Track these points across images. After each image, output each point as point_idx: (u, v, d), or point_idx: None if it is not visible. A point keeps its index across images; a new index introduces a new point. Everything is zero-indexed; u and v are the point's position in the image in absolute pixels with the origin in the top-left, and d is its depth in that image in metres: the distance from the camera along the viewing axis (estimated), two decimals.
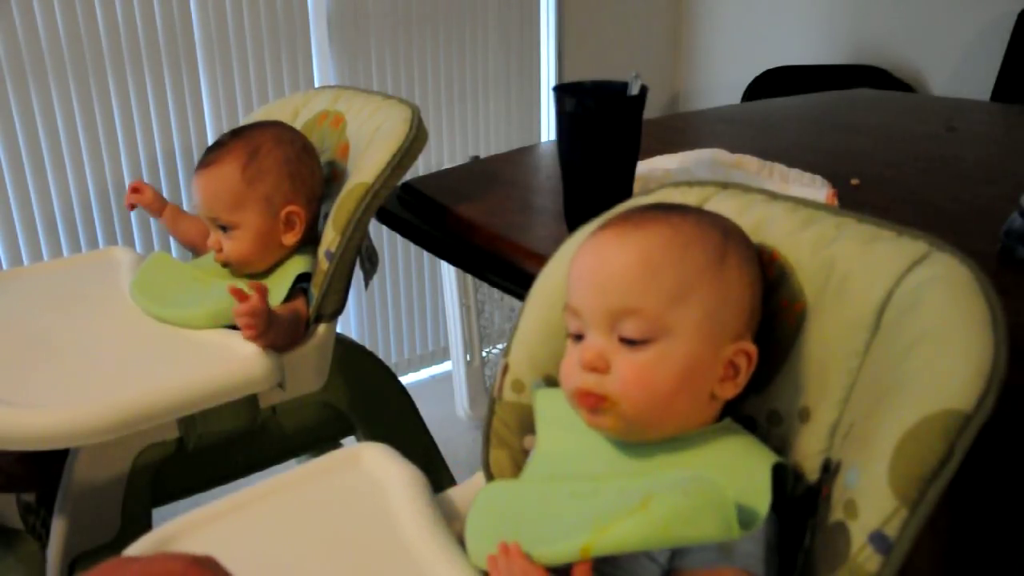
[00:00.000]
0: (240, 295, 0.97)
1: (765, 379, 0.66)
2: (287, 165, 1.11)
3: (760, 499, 0.57)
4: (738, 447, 0.62)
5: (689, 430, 0.63)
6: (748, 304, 0.64)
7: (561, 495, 0.62)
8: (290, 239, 1.12)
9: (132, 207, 1.30)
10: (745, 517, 0.55)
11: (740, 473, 0.59)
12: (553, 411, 0.71)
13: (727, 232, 0.66)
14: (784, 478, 0.60)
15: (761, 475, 0.58)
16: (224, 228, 1.10)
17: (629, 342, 0.61)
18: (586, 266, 0.65)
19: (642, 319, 0.61)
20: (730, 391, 0.63)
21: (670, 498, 0.54)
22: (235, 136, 1.13)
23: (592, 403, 0.62)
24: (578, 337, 0.65)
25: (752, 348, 0.63)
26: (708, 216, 0.68)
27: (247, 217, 1.09)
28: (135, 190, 1.29)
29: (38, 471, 1.12)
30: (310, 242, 1.14)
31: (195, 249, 1.28)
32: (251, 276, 1.13)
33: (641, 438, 0.63)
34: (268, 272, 1.14)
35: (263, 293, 1.00)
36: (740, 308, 0.63)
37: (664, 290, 0.61)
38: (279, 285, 1.10)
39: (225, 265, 1.12)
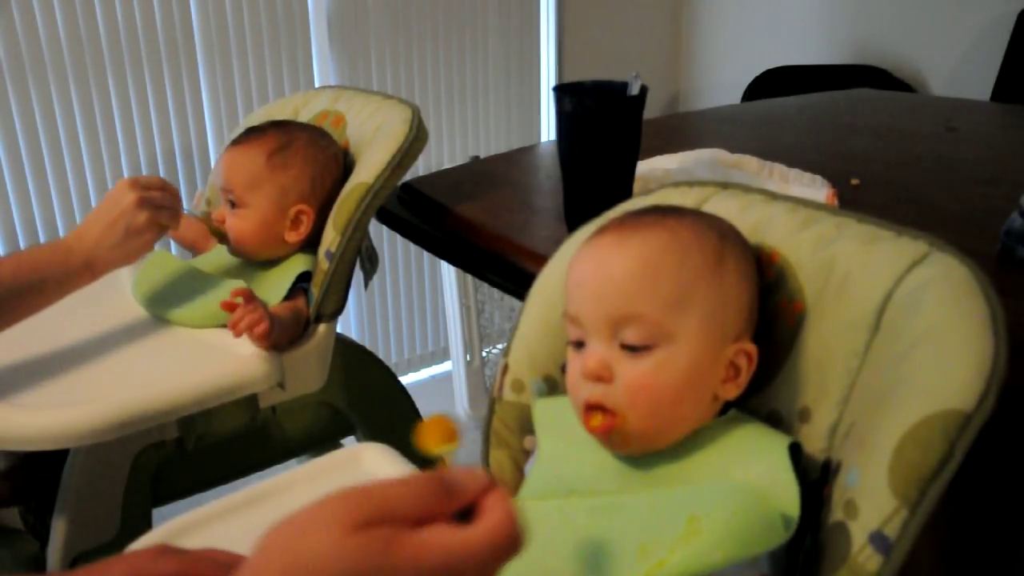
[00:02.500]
0: (231, 307, 0.98)
1: (765, 379, 0.66)
2: (312, 166, 1.12)
3: (786, 488, 0.56)
4: (748, 436, 0.62)
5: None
6: (747, 304, 0.64)
7: (585, 512, 0.61)
8: (292, 237, 1.12)
9: None
10: (782, 515, 0.55)
11: (757, 464, 0.59)
12: (554, 420, 0.71)
13: (724, 234, 0.66)
14: (800, 457, 0.60)
15: (780, 462, 0.58)
16: (233, 204, 1.11)
17: (631, 349, 0.61)
18: (585, 273, 0.65)
19: (643, 325, 0.61)
20: (732, 392, 0.63)
21: (718, 518, 0.53)
22: (275, 125, 1.16)
23: (603, 432, 0.61)
24: (579, 344, 0.64)
25: (752, 348, 0.63)
26: (705, 218, 0.68)
27: (258, 200, 1.10)
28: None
29: (35, 477, 1.12)
30: (314, 243, 1.14)
31: (194, 250, 1.28)
32: (254, 267, 1.14)
33: (652, 449, 0.63)
34: (270, 267, 1.14)
35: (249, 295, 1.00)
36: (739, 308, 0.63)
37: (664, 296, 0.61)
38: (280, 283, 1.10)
39: (223, 240, 1.13)
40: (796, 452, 0.59)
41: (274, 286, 1.10)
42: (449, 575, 0.39)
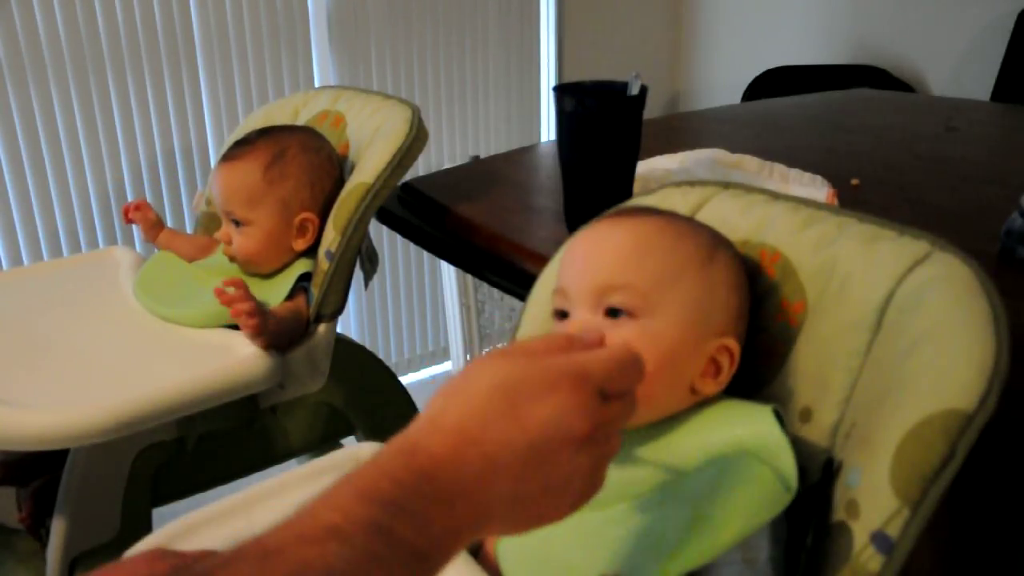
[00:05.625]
0: (224, 296, 0.97)
1: (766, 379, 0.66)
2: (309, 172, 1.11)
3: (779, 449, 0.56)
4: (730, 407, 0.62)
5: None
6: (734, 306, 0.64)
7: (599, 525, 0.59)
8: (300, 245, 1.12)
9: (130, 221, 1.26)
10: (780, 478, 0.55)
11: (743, 427, 0.59)
12: None
13: (717, 238, 0.67)
14: (784, 423, 0.59)
15: (767, 424, 0.58)
16: (237, 223, 1.10)
17: (615, 313, 0.61)
18: (577, 249, 0.66)
19: (629, 293, 0.61)
20: (711, 388, 0.63)
21: (720, 499, 0.53)
22: (263, 135, 1.13)
23: None
24: (562, 316, 0.65)
25: (735, 346, 0.63)
26: (699, 223, 0.69)
27: (261, 216, 1.09)
28: (139, 207, 1.25)
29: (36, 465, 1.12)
30: (314, 244, 1.14)
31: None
32: (255, 276, 1.13)
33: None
34: (273, 272, 1.13)
35: (243, 286, 0.99)
36: (726, 307, 0.63)
37: (653, 270, 0.62)
38: (282, 284, 1.10)
39: (232, 260, 1.12)
40: (779, 418, 0.59)
41: (276, 287, 1.10)
42: (581, 379, 0.44)
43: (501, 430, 0.42)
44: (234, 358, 0.99)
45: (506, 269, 1.03)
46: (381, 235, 2.15)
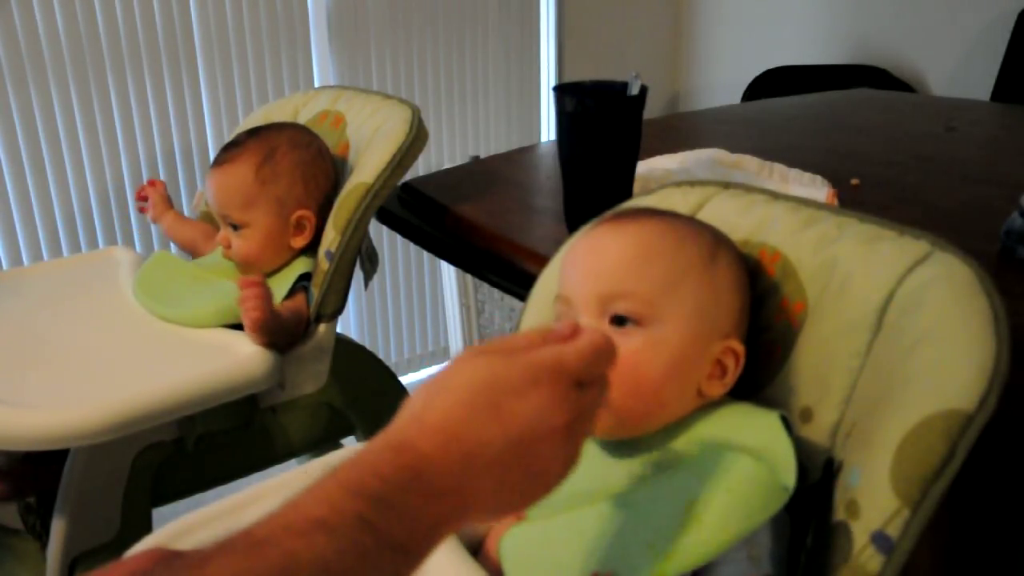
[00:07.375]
0: (244, 283, 1.00)
1: (766, 379, 0.66)
2: (301, 169, 1.11)
3: (780, 449, 0.56)
4: (738, 413, 0.62)
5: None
6: (737, 307, 0.64)
7: (593, 519, 0.59)
8: (299, 242, 1.12)
9: (144, 199, 1.32)
10: (779, 476, 0.55)
11: (750, 432, 0.59)
12: None
13: (719, 238, 0.67)
14: (791, 429, 0.59)
15: (774, 429, 0.58)
16: (235, 227, 1.10)
17: (620, 321, 0.61)
18: (580, 254, 0.66)
19: (633, 302, 0.61)
20: (717, 389, 0.63)
21: (715, 499, 0.53)
22: (251, 136, 1.13)
23: None
24: None
25: (740, 348, 0.63)
26: (702, 224, 0.69)
27: (257, 217, 1.09)
28: (154, 184, 1.32)
29: (36, 472, 1.12)
30: (314, 244, 1.14)
31: (194, 252, 1.28)
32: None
33: (630, 433, 0.63)
34: (273, 272, 1.13)
35: (265, 284, 1.01)
36: (729, 309, 0.63)
37: (657, 277, 0.61)
38: (282, 284, 1.10)
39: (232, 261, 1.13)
40: (786, 424, 0.59)
41: (275, 287, 1.10)
42: (559, 373, 0.46)
43: (484, 428, 0.44)
44: (234, 358, 0.99)
45: (506, 269, 1.03)
46: (381, 235, 2.15)
